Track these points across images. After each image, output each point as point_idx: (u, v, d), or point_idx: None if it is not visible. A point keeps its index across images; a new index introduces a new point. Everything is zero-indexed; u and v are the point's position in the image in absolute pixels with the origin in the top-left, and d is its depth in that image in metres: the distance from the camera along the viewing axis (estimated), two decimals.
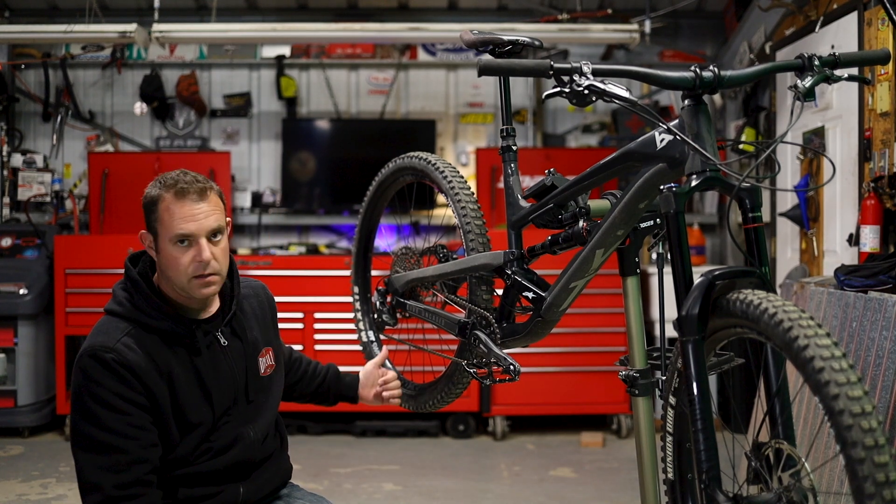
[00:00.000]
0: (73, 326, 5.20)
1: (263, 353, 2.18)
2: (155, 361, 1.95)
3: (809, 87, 1.60)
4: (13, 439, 5.13)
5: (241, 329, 2.13)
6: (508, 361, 2.10)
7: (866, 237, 3.59)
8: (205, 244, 1.96)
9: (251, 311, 2.20)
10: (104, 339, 1.94)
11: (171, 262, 1.97)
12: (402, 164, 2.57)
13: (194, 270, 1.96)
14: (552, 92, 1.62)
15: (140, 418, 1.90)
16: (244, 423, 2.09)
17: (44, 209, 5.88)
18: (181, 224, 1.94)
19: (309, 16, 6.15)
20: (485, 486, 4.28)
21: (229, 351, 2.09)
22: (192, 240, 1.96)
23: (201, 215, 1.96)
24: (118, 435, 1.87)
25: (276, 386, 2.22)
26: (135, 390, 1.90)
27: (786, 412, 1.57)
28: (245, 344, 2.13)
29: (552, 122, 6.40)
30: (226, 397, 2.06)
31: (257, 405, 2.14)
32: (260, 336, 2.19)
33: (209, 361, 2.04)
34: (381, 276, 2.83)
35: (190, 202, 1.95)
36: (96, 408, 1.88)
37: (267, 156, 6.30)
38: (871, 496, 1.22)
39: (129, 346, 1.93)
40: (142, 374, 1.91)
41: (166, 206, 1.96)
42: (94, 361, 1.90)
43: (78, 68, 6.19)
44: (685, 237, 1.64)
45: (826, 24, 4.25)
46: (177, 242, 1.95)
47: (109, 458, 1.87)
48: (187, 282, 1.97)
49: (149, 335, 1.97)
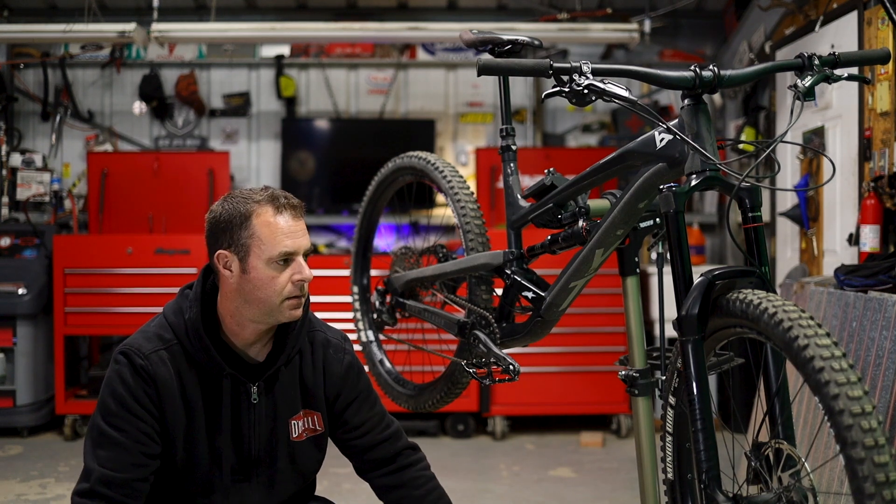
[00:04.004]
0: (72, 326, 5.19)
1: (300, 416, 2.00)
2: (183, 385, 1.90)
3: (809, 87, 1.59)
4: (12, 439, 5.12)
5: (281, 388, 1.98)
6: (508, 361, 2.10)
7: (866, 237, 3.58)
8: (304, 263, 1.88)
9: (305, 369, 2.03)
10: (145, 343, 1.90)
11: (267, 282, 1.84)
12: (402, 164, 2.57)
13: (291, 291, 1.86)
14: (552, 91, 1.62)
15: (150, 426, 1.88)
16: (256, 487, 1.97)
17: (43, 209, 5.87)
18: (285, 240, 1.85)
19: (308, 15, 6.14)
20: (484, 486, 4.28)
21: (257, 409, 1.95)
22: (292, 258, 1.86)
23: (301, 233, 1.88)
24: (125, 435, 1.86)
25: (311, 453, 2.04)
26: (153, 400, 1.88)
27: (786, 412, 1.57)
28: (278, 404, 1.97)
29: (552, 121, 6.39)
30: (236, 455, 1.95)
31: (279, 470, 2.00)
32: (301, 399, 2.01)
33: (230, 413, 1.94)
34: (380, 275, 2.82)
35: (291, 218, 1.88)
36: (114, 404, 1.87)
37: (266, 155, 6.29)
38: (871, 496, 1.22)
39: (163, 360, 1.88)
40: (163, 392, 1.88)
41: (265, 222, 1.85)
42: (126, 360, 1.88)
43: (77, 68, 6.19)
44: (685, 237, 1.64)
45: (826, 23, 4.25)
46: (278, 261, 1.85)
47: (109, 454, 1.85)
48: (279, 303, 1.86)
49: (186, 357, 1.91)
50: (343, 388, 2.05)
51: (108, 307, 5.14)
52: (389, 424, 2.13)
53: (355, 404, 2.07)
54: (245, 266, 1.86)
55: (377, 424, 2.10)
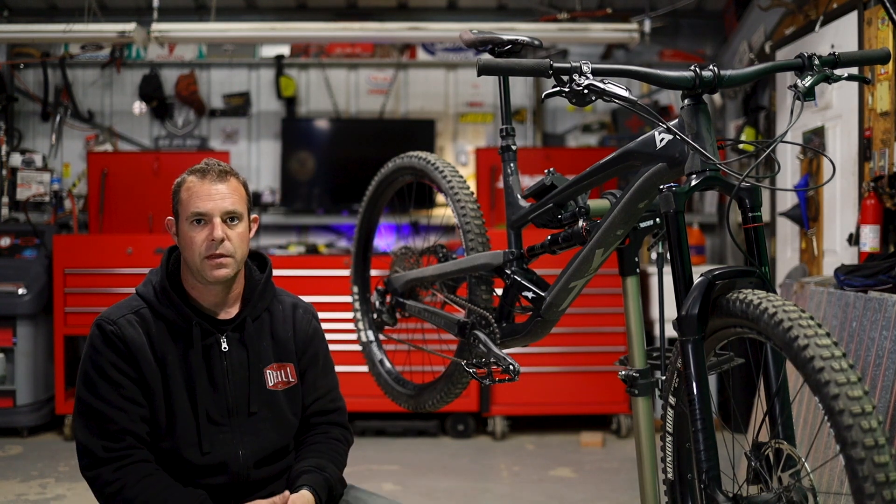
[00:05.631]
0: (72, 326, 5.19)
1: (274, 367, 2.11)
2: (152, 342, 2.00)
3: (809, 87, 1.59)
4: (12, 439, 5.12)
5: (251, 339, 2.09)
6: (508, 361, 2.10)
7: (866, 237, 3.58)
8: (218, 223, 1.98)
9: (275, 324, 2.15)
10: (113, 311, 2.03)
11: (187, 241, 1.99)
12: (402, 164, 2.57)
13: (206, 249, 1.97)
14: (552, 91, 1.62)
15: (132, 391, 1.97)
16: (240, 437, 2.03)
17: (43, 209, 5.88)
18: (197, 202, 1.98)
19: (308, 15, 6.14)
20: (484, 486, 4.28)
21: (229, 357, 2.05)
22: (207, 218, 1.98)
23: (218, 196, 1.99)
24: (109, 405, 1.95)
25: (288, 404, 2.12)
26: (129, 363, 1.97)
27: (786, 412, 1.57)
28: (250, 353, 2.08)
29: (552, 121, 6.39)
30: (215, 404, 2.02)
31: (260, 419, 2.07)
32: (273, 350, 2.12)
33: (202, 361, 2.03)
34: (380, 275, 2.82)
35: (209, 182, 2.00)
36: (93, 374, 1.98)
37: (266, 155, 6.29)
38: (871, 496, 1.22)
39: (131, 322, 2.00)
40: (135, 351, 1.98)
41: (187, 187, 2.01)
42: (98, 330, 2.00)
43: (77, 68, 6.19)
44: (685, 237, 1.64)
45: (826, 23, 4.25)
46: (193, 221, 1.98)
47: (100, 425, 1.95)
48: (200, 262, 1.98)
49: (155, 319, 2.02)
50: (308, 347, 2.18)
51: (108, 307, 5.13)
52: (336, 399, 2.24)
53: (313, 367, 2.18)
54: (177, 229, 2.04)
55: (326, 394, 2.21)
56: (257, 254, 2.22)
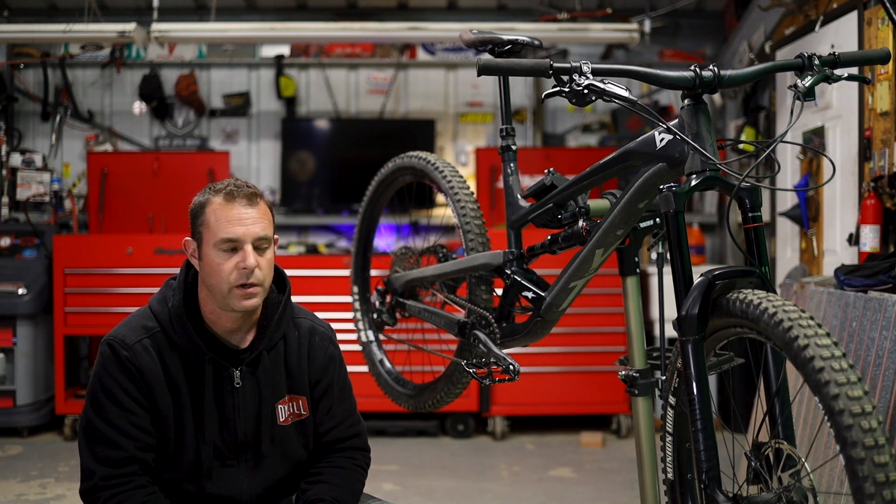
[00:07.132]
0: (72, 326, 5.19)
1: (286, 401, 2.03)
2: (167, 370, 1.93)
3: (809, 87, 1.59)
4: (12, 439, 5.12)
5: (264, 373, 2.00)
6: (508, 361, 2.10)
7: (866, 237, 3.58)
8: (250, 251, 1.88)
9: (289, 355, 2.05)
10: (128, 333, 1.93)
11: (214, 268, 1.89)
12: (402, 164, 2.57)
13: (237, 278, 1.87)
14: (552, 91, 1.62)
15: (143, 419, 1.91)
16: (245, 471, 1.99)
17: (43, 209, 5.87)
18: (227, 227, 1.87)
19: (308, 15, 6.14)
20: (484, 486, 4.28)
21: (241, 393, 1.98)
22: (238, 245, 1.88)
23: (249, 220, 1.89)
24: (118, 431, 1.89)
25: (298, 437, 2.05)
26: (141, 391, 1.91)
27: (786, 412, 1.57)
28: (262, 389, 2.00)
29: (552, 121, 6.39)
30: (223, 439, 1.97)
31: (268, 454, 2.02)
32: (285, 383, 2.04)
33: (213, 396, 1.96)
34: (380, 275, 2.82)
35: (239, 206, 1.89)
36: (104, 399, 1.91)
37: (266, 155, 6.29)
38: (871, 496, 1.22)
39: (146, 348, 1.92)
40: (150, 379, 1.91)
41: (213, 210, 1.90)
42: (111, 353, 1.92)
43: (77, 68, 6.19)
44: (685, 237, 1.64)
45: (826, 23, 4.25)
46: (221, 247, 1.88)
47: (105, 451, 1.89)
48: (228, 291, 1.88)
49: (170, 345, 1.94)
50: (323, 377, 2.09)
51: (109, 307, 5.13)
52: (354, 423, 2.16)
53: (328, 396, 2.09)
54: (200, 253, 1.93)
55: (343, 420, 2.12)
56: (276, 270, 2.06)
